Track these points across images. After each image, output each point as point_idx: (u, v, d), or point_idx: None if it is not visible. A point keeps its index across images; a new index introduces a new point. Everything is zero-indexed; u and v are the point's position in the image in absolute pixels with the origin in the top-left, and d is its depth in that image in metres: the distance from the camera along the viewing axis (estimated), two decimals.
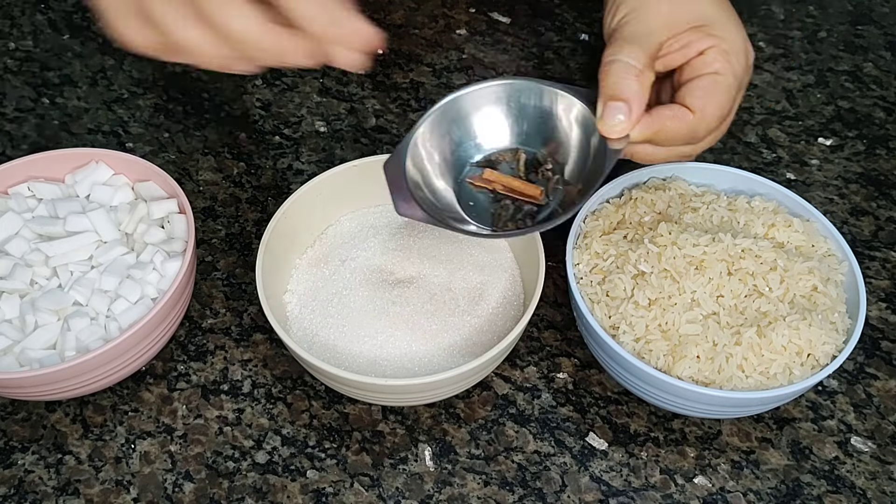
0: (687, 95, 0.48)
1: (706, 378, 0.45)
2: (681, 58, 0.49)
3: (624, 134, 0.46)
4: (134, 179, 0.55)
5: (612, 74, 0.47)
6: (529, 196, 0.49)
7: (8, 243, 0.51)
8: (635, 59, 0.47)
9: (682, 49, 0.49)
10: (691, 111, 0.48)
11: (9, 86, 0.68)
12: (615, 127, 0.46)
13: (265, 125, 0.66)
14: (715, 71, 0.48)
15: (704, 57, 0.49)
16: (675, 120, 0.47)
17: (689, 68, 0.49)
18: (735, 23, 0.50)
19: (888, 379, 0.53)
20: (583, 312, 0.47)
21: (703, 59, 0.49)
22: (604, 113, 0.46)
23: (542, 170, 0.50)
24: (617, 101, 0.46)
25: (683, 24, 0.49)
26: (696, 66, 0.49)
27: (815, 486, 0.48)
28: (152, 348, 0.49)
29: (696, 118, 0.48)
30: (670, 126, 0.47)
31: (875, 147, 0.66)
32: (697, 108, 0.48)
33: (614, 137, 0.46)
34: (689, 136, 0.48)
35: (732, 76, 0.49)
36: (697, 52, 0.49)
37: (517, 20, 0.75)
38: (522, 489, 0.48)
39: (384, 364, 0.49)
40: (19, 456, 0.49)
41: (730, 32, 0.49)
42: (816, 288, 0.48)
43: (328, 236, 0.55)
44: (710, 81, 0.48)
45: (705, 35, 0.49)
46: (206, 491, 0.47)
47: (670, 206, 0.52)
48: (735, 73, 0.49)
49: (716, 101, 0.48)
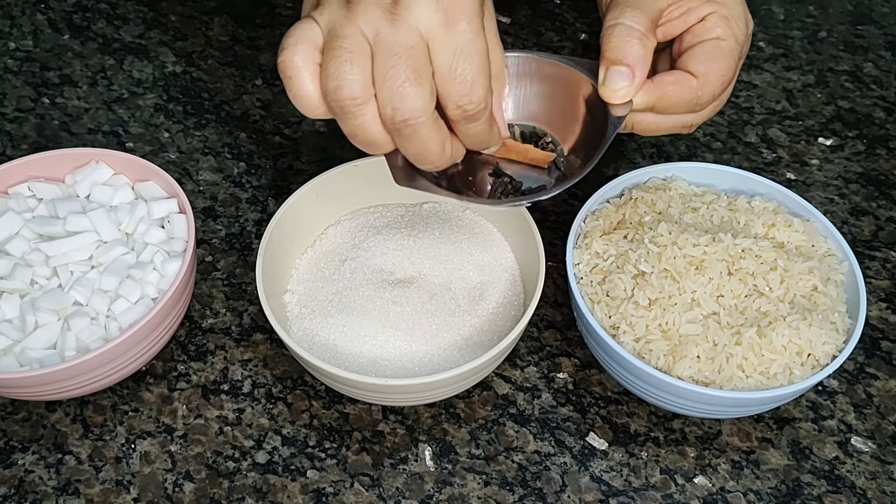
0: (690, 61, 0.47)
1: (706, 378, 0.45)
2: (681, 24, 0.49)
3: (627, 99, 0.45)
4: (134, 179, 0.55)
5: (614, 38, 0.46)
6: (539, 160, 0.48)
7: (8, 243, 0.51)
8: (638, 22, 0.46)
9: (682, 16, 0.48)
10: (694, 76, 0.47)
11: (9, 86, 0.68)
12: (618, 92, 0.45)
13: (265, 125, 0.66)
14: (717, 36, 0.47)
15: (705, 23, 0.48)
16: (679, 86, 0.47)
17: (690, 35, 0.48)
18: None
19: (888, 379, 0.53)
20: (583, 312, 0.47)
21: (705, 24, 0.48)
22: (606, 77, 0.45)
23: (541, 143, 0.49)
24: (620, 66, 0.45)
25: None
26: (697, 32, 0.48)
27: (815, 486, 0.48)
28: (152, 348, 0.49)
29: (699, 83, 0.47)
30: (673, 92, 0.46)
31: (875, 147, 0.66)
32: (701, 73, 0.47)
33: (617, 103, 0.46)
34: (693, 102, 0.47)
35: (735, 41, 0.48)
36: (698, 18, 0.48)
37: (517, 20, 0.75)
38: (522, 489, 0.48)
39: (384, 364, 0.49)
40: (19, 456, 0.49)
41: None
42: (816, 288, 0.48)
43: (328, 236, 0.55)
44: (712, 46, 0.47)
45: (705, 1, 0.48)
46: (207, 491, 0.47)
47: (670, 205, 0.52)
48: (737, 39, 0.48)
49: (719, 66, 0.47)
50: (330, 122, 0.66)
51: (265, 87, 0.69)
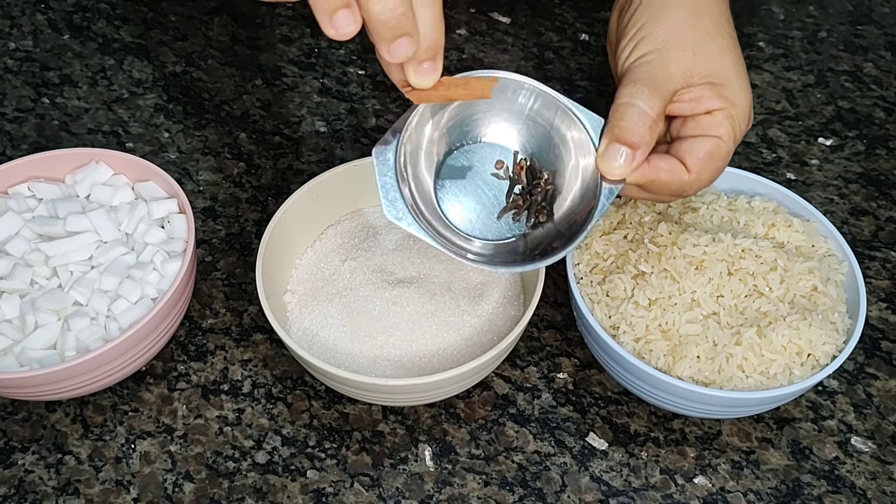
0: (687, 154, 0.47)
1: (706, 378, 0.45)
2: (689, 110, 0.48)
3: (621, 178, 0.45)
4: (134, 179, 0.55)
5: (626, 119, 0.45)
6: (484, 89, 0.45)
7: (8, 243, 0.51)
8: (652, 108, 0.46)
9: (692, 102, 0.48)
10: (688, 170, 0.47)
11: (9, 86, 0.68)
12: (615, 170, 0.45)
13: (265, 125, 0.66)
14: (719, 136, 0.47)
15: (712, 118, 0.47)
16: (670, 174, 0.46)
17: (694, 123, 0.48)
18: (746, 87, 0.49)
19: (888, 379, 0.53)
20: (583, 312, 0.47)
21: (711, 119, 0.47)
22: (607, 152, 0.45)
23: (538, 182, 0.48)
24: (623, 146, 0.45)
25: (700, 77, 0.48)
26: (702, 124, 0.48)
27: (815, 486, 0.48)
28: (152, 348, 0.49)
29: (690, 178, 0.47)
30: (664, 179, 0.46)
31: (875, 147, 0.66)
32: (695, 169, 0.47)
33: (611, 179, 0.45)
34: (679, 192, 0.48)
35: (733, 143, 0.48)
36: (706, 109, 0.47)
37: (517, 20, 0.75)
38: (522, 489, 0.48)
39: (384, 364, 0.49)
40: (19, 456, 0.49)
41: (741, 97, 0.48)
42: (816, 288, 0.48)
43: (328, 236, 0.55)
44: (713, 146, 0.47)
45: (718, 95, 0.47)
46: (206, 491, 0.47)
47: (670, 206, 0.52)
48: (736, 140, 0.48)
49: (713, 167, 0.47)
50: (330, 122, 0.66)
51: (265, 87, 0.69)
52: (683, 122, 0.49)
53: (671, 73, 0.47)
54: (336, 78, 0.69)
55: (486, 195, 0.48)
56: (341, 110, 0.67)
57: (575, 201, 0.47)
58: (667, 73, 0.47)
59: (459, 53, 0.72)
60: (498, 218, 0.48)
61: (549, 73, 0.70)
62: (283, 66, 0.70)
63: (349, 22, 0.37)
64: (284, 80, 0.69)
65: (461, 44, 0.72)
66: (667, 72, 0.47)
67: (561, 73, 0.70)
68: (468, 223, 0.47)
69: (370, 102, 0.68)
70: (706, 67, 0.48)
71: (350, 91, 0.69)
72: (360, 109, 0.67)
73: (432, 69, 0.41)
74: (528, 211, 0.47)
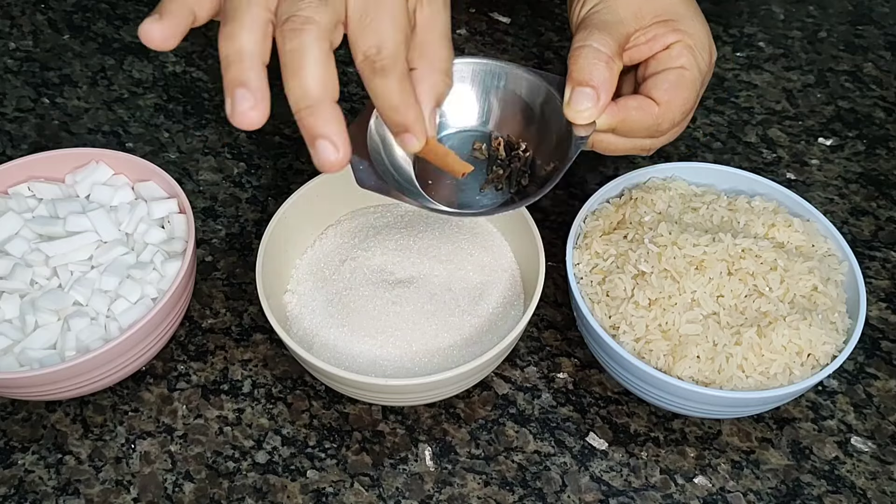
0: (653, 88, 0.48)
1: (706, 378, 0.45)
2: (647, 51, 0.50)
3: (590, 121, 0.46)
4: (134, 179, 0.55)
5: (581, 59, 0.46)
6: (455, 171, 0.47)
7: (8, 243, 0.51)
8: (605, 45, 0.47)
9: (648, 42, 0.49)
10: (657, 103, 0.48)
11: (9, 86, 0.68)
12: (582, 113, 0.46)
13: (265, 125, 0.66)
14: (681, 66, 0.48)
15: (670, 51, 0.49)
16: (640, 111, 0.47)
17: (655, 62, 0.49)
18: (700, 20, 0.51)
19: (888, 379, 0.53)
20: (583, 312, 0.47)
21: (669, 53, 0.49)
22: (571, 98, 0.46)
23: (516, 152, 0.49)
24: (585, 87, 0.46)
25: (651, 17, 0.49)
26: (662, 59, 0.49)
27: (815, 486, 0.48)
28: (152, 348, 0.49)
29: (660, 110, 0.48)
30: (635, 116, 0.47)
31: (875, 147, 0.66)
32: (663, 100, 0.48)
33: (580, 123, 0.46)
34: (653, 128, 0.48)
35: (697, 71, 0.49)
36: (664, 45, 0.49)
37: (517, 20, 0.75)
38: (522, 489, 0.48)
39: (384, 364, 0.49)
40: (19, 456, 0.49)
41: (695, 28, 0.50)
42: (816, 288, 0.48)
43: (328, 236, 0.55)
44: (676, 75, 0.48)
45: (672, 30, 0.49)
46: (206, 491, 0.47)
47: (670, 206, 0.52)
48: (700, 69, 0.49)
49: (681, 95, 0.48)
50: None
51: None
52: (646, 65, 0.50)
53: (620, 16, 0.48)
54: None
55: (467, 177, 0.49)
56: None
57: (553, 161, 0.48)
58: (616, 16, 0.49)
59: (459, 53, 0.72)
60: (481, 190, 0.48)
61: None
62: None
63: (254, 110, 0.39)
64: None
65: (461, 44, 0.72)
66: (616, 16, 0.49)
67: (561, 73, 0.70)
68: (453, 203, 0.48)
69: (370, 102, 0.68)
70: (654, 7, 0.49)
71: (350, 91, 0.69)
72: (360, 109, 0.67)
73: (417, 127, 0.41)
74: (510, 178, 0.49)
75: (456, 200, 0.48)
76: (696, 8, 0.51)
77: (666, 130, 0.49)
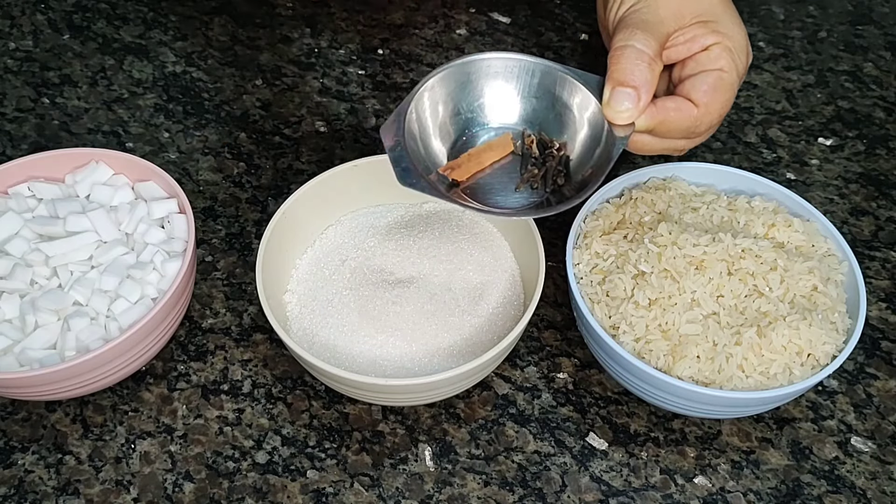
0: (692, 90, 0.48)
1: (706, 378, 0.45)
2: (685, 51, 0.49)
3: (629, 121, 0.46)
4: (134, 179, 0.55)
5: (623, 59, 0.46)
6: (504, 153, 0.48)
7: (8, 243, 0.51)
8: (647, 46, 0.46)
9: (686, 43, 0.49)
10: (696, 105, 0.48)
11: (9, 86, 0.68)
12: (622, 114, 0.45)
13: (265, 125, 0.66)
14: (720, 68, 0.48)
15: (709, 53, 0.49)
16: (679, 112, 0.47)
17: (694, 63, 0.49)
18: (738, 22, 0.50)
19: (888, 379, 0.53)
20: (583, 312, 0.47)
21: (708, 54, 0.49)
22: (611, 98, 0.46)
23: (550, 150, 0.49)
24: (626, 87, 0.45)
25: (690, 17, 0.49)
26: (701, 61, 0.49)
27: (815, 486, 0.48)
28: (152, 348, 0.49)
29: (700, 112, 0.48)
30: (674, 118, 0.47)
31: (875, 147, 0.66)
32: (702, 103, 0.48)
33: (620, 124, 0.46)
34: (690, 129, 0.48)
35: (736, 74, 0.49)
36: (702, 47, 0.49)
37: (517, 20, 0.75)
38: (522, 489, 0.48)
39: (384, 364, 0.49)
40: (19, 456, 0.49)
41: (734, 31, 0.49)
42: (816, 288, 0.48)
43: (328, 236, 0.55)
44: (715, 78, 0.48)
45: (711, 31, 0.49)
46: (206, 491, 0.47)
47: (670, 206, 0.52)
48: (738, 72, 0.49)
49: (720, 99, 0.48)
50: (330, 122, 0.66)
51: (265, 87, 0.69)
52: (683, 66, 0.50)
53: (661, 16, 0.48)
54: (336, 78, 0.69)
55: (501, 177, 0.49)
56: (341, 110, 0.67)
57: (589, 161, 0.48)
58: (657, 17, 0.48)
59: (459, 53, 0.72)
60: (516, 189, 0.48)
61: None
62: (283, 66, 0.70)
63: None
64: (284, 80, 0.69)
65: (461, 44, 0.72)
66: (657, 16, 0.48)
67: None
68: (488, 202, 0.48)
69: (370, 102, 0.68)
70: (695, 7, 0.49)
71: (350, 91, 0.69)
72: (360, 109, 0.67)
73: None
74: (545, 177, 0.48)
75: (491, 200, 0.48)
76: (734, 10, 0.51)
77: (703, 132, 0.49)
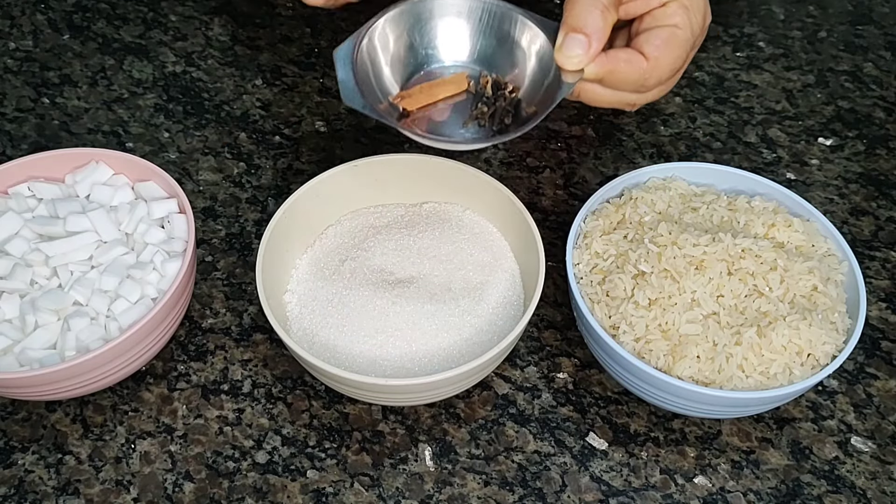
0: (644, 43, 0.49)
1: (706, 378, 0.45)
2: (643, 6, 0.50)
3: (579, 67, 0.47)
4: (134, 179, 0.55)
5: (578, 6, 0.47)
6: (457, 90, 0.49)
7: (8, 243, 0.51)
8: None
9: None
10: (646, 58, 0.48)
11: (9, 86, 0.68)
12: (572, 59, 0.46)
13: (265, 125, 0.66)
14: (675, 24, 0.49)
15: (666, 9, 0.50)
16: (629, 64, 0.48)
17: (650, 18, 0.50)
18: None
19: (888, 379, 0.53)
20: (583, 312, 0.47)
21: (665, 10, 0.50)
22: (563, 43, 0.47)
23: (502, 92, 0.50)
24: (578, 34, 0.46)
25: None
26: (656, 16, 0.50)
27: (815, 486, 0.48)
28: (152, 348, 0.49)
29: (649, 66, 0.48)
30: (623, 69, 0.48)
31: (875, 147, 0.66)
32: (653, 56, 0.48)
33: (569, 69, 0.47)
34: (639, 82, 0.49)
35: (690, 32, 0.50)
36: (660, 3, 0.50)
37: None
38: (522, 489, 0.48)
39: (384, 364, 0.49)
40: (19, 456, 0.49)
41: None
42: (816, 288, 0.48)
43: (328, 236, 0.55)
44: (668, 33, 0.49)
45: None
46: (207, 491, 0.47)
47: (670, 205, 0.52)
48: (693, 30, 0.50)
49: (671, 53, 0.49)
50: (330, 122, 0.66)
51: (265, 87, 0.69)
52: (641, 21, 0.51)
53: None
54: (336, 77, 0.69)
55: (451, 113, 0.50)
56: (341, 110, 0.67)
57: (533, 101, 0.49)
58: None
59: None
60: (464, 125, 0.49)
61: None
62: (283, 66, 0.70)
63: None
64: (284, 80, 0.69)
65: None
66: None
67: None
68: (434, 134, 0.49)
69: None
70: None
71: None
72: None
73: None
74: (493, 116, 0.49)
75: (437, 132, 0.49)
76: None
77: (652, 87, 0.50)
